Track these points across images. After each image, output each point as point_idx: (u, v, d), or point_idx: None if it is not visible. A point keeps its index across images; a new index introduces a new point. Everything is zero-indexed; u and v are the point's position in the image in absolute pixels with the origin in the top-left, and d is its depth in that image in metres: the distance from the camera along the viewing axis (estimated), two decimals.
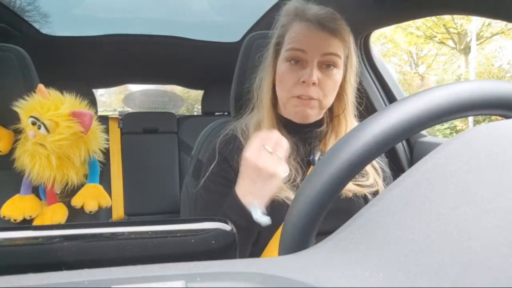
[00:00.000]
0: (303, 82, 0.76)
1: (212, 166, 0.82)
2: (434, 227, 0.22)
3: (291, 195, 0.75)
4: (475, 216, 0.21)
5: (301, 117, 0.80)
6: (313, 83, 0.75)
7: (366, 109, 0.92)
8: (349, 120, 0.85)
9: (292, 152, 0.80)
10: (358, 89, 0.88)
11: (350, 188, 0.79)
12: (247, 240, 0.72)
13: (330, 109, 0.86)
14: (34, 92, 1.29)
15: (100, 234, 0.28)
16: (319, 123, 0.85)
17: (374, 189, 0.81)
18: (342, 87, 0.82)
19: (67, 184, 1.36)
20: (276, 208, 0.71)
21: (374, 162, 0.84)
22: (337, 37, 0.78)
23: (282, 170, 0.66)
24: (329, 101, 0.80)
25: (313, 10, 0.79)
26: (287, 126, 0.83)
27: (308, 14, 0.78)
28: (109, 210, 1.62)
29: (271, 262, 0.24)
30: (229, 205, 0.71)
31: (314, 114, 0.80)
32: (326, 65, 0.78)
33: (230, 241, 0.29)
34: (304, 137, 0.84)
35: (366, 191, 0.80)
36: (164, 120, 2.14)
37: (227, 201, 0.72)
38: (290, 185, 0.77)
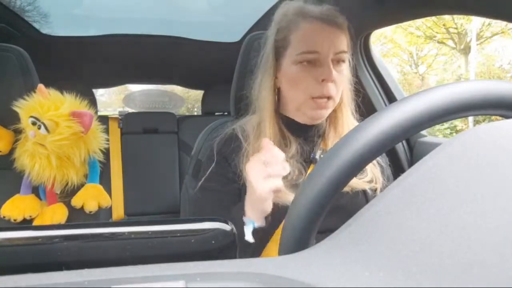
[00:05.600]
0: (323, 80, 0.75)
1: (211, 168, 0.82)
2: (434, 227, 0.22)
3: (292, 195, 0.75)
4: (475, 216, 0.21)
5: (315, 119, 0.80)
6: (331, 81, 0.76)
7: (366, 109, 0.92)
8: (345, 114, 0.85)
9: (295, 152, 0.80)
10: (354, 84, 0.88)
11: (351, 184, 0.78)
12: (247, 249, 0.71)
13: None
14: (34, 92, 1.29)
15: (100, 234, 0.28)
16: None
17: (374, 185, 0.81)
18: None
19: (67, 184, 1.36)
20: (276, 207, 0.71)
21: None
22: (344, 32, 0.78)
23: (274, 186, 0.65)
24: (339, 97, 0.81)
25: (317, 8, 0.78)
26: (289, 126, 0.83)
27: (313, 13, 0.77)
28: (109, 210, 1.62)
29: (271, 262, 0.24)
30: (232, 216, 0.71)
31: (326, 115, 0.80)
32: (337, 62, 0.78)
33: (230, 241, 0.29)
34: (306, 135, 0.84)
35: (366, 187, 0.80)
36: (164, 120, 2.14)
37: (235, 208, 0.72)
38: (292, 185, 0.77)
